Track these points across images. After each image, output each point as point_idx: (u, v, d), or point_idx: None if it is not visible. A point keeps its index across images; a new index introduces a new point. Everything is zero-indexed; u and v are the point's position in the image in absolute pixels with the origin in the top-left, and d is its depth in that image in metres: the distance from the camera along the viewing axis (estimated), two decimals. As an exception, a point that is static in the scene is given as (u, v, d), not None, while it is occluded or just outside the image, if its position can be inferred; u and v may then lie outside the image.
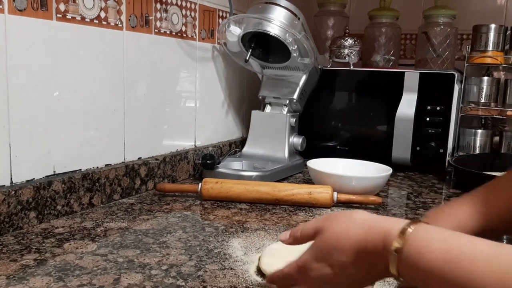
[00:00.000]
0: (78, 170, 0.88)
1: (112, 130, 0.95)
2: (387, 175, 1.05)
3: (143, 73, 1.02)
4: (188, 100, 1.18)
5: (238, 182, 0.99)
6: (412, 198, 1.07)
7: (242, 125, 1.44)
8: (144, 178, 1.02)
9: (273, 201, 0.97)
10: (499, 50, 1.46)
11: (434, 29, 1.50)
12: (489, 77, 1.48)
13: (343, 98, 1.42)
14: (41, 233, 0.75)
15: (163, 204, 0.95)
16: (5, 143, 0.74)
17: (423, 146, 1.30)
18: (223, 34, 1.18)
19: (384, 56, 1.56)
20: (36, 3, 0.76)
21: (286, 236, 0.57)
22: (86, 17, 0.86)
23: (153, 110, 1.06)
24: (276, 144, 1.26)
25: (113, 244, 0.72)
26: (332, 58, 1.45)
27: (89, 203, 0.88)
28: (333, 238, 0.49)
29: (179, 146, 1.16)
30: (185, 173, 1.16)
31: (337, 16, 1.62)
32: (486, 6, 1.63)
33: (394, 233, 0.44)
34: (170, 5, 1.07)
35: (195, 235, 0.77)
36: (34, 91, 0.78)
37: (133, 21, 0.97)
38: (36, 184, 0.77)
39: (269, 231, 0.81)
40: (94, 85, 0.90)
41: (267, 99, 1.30)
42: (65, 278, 0.60)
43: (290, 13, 1.15)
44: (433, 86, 1.29)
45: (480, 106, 1.47)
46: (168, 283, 0.60)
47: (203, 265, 0.65)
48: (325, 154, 1.24)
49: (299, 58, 1.18)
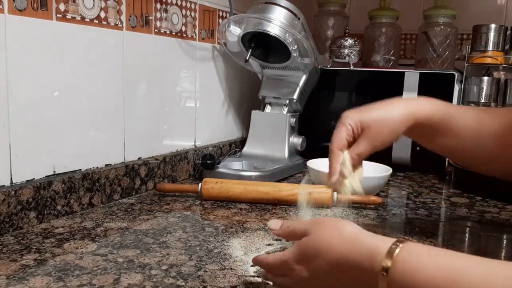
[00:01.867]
0: (78, 170, 0.88)
1: (112, 130, 0.95)
2: (387, 175, 1.05)
3: (143, 73, 1.02)
4: (188, 100, 1.18)
5: (238, 182, 0.99)
6: (412, 198, 1.07)
7: (242, 125, 1.44)
8: (144, 178, 1.02)
9: (273, 201, 0.97)
10: (499, 50, 1.46)
11: (434, 29, 1.50)
12: (489, 77, 1.49)
13: (343, 98, 1.42)
14: (41, 233, 0.75)
15: (163, 204, 0.95)
16: (5, 143, 0.74)
17: (423, 146, 1.30)
18: (223, 34, 1.18)
19: (384, 56, 1.56)
20: (36, 3, 0.76)
21: (277, 226, 0.58)
22: (86, 17, 0.86)
23: (153, 110, 1.06)
24: (276, 144, 1.26)
25: (113, 244, 0.72)
26: (332, 58, 1.45)
27: (89, 203, 0.88)
28: (316, 245, 0.50)
29: (179, 146, 1.16)
30: (185, 173, 1.16)
31: (337, 16, 1.62)
32: (486, 6, 1.63)
33: (381, 252, 0.44)
34: (170, 5, 1.08)
35: (195, 235, 0.77)
36: (34, 91, 0.78)
37: (133, 21, 0.97)
38: (36, 184, 0.77)
39: (269, 231, 0.81)
40: (94, 85, 0.90)
41: (267, 99, 1.30)
42: (65, 278, 0.60)
43: (290, 13, 1.15)
44: (433, 86, 1.29)
45: (480, 106, 1.47)
46: (168, 283, 0.59)
47: (203, 265, 0.65)
48: (325, 154, 1.23)
49: (299, 58, 1.18)
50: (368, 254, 0.45)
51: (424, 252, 0.44)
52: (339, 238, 0.49)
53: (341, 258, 0.47)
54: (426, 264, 0.42)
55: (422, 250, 0.44)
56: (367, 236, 0.49)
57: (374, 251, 0.45)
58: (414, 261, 0.43)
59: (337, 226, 0.50)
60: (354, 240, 0.48)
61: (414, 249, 0.44)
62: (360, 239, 0.48)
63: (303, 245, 0.52)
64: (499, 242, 0.85)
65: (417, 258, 0.43)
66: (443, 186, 1.21)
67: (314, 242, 0.50)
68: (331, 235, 0.49)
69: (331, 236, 0.49)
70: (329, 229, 0.50)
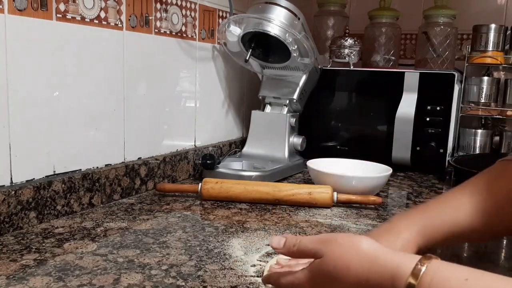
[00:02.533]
0: (78, 170, 0.88)
1: (112, 130, 0.95)
2: (387, 175, 1.05)
3: (143, 73, 1.02)
4: (188, 100, 1.18)
5: (238, 182, 0.99)
6: (412, 198, 1.07)
7: (242, 125, 1.44)
8: (144, 178, 1.02)
9: (273, 201, 0.97)
10: (499, 50, 1.46)
11: (434, 29, 1.50)
12: (489, 77, 1.48)
13: (343, 98, 1.42)
14: (41, 233, 0.75)
15: (163, 204, 0.95)
16: (5, 143, 0.74)
17: (423, 146, 1.30)
18: (223, 34, 1.18)
19: (384, 56, 1.56)
20: (36, 3, 0.76)
21: (280, 244, 0.53)
22: (86, 17, 0.86)
23: (153, 110, 1.06)
24: (276, 144, 1.26)
25: (113, 244, 0.72)
26: (332, 58, 1.45)
27: (89, 203, 0.88)
28: (333, 267, 0.46)
29: (179, 146, 1.16)
30: (185, 173, 1.16)
31: (337, 16, 1.62)
32: (486, 6, 1.63)
33: (405, 273, 0.41)
34: (170, 5, 1.07)
35: (195, 235, 0.77)
36: (34, 91, 0.78)
37: (133, 21, 0.97)
38: (36, 184, 0.77)
39: (269, 231, 0.81)
40: (94, 85, 0.90)
41: (267, 99, 1.30)
42: (65, 278, 0.59)
43: (290, 13, 1.15)
44: (433, 86, 1.29)
45: (480, 106, 1.47)
46: (168, 283, 0.59)
47: (203, 265, 0.65)
48: (325, 154, 1.24)
49: (299, 58, 1.18)
50: (390, 275, 0.42)
51: (453, 277, 0.40)
52: (357, 259, 0.45)
53: (360, 281, 0.44)
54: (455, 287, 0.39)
55: (450, 274, 0.41)
56: (387, 254, 0.45)
57: (396, 273, 0.42)
58: (441, 286, 0.40)
59: (353, 244, 0.46)
60: (373, 260, 0.44)
61: (442, 272, 0.41)
62: (380, 257, 0.44)
63: (318, 269, 0.48)
64: (499, 242, 0.85)
65: (445, 283, 0.40)
66: (443, 186, 1.21)
67: (331, 266, 0.46)
68: (349, 256, 0.45)
69: (348, 257, 0.45)
70: (345, 249, 0.46)
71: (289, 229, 0.82)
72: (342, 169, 1.10)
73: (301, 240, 0.51)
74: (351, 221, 0.89)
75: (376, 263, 0.44)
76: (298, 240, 0.51)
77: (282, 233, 0.80)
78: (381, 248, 0.46)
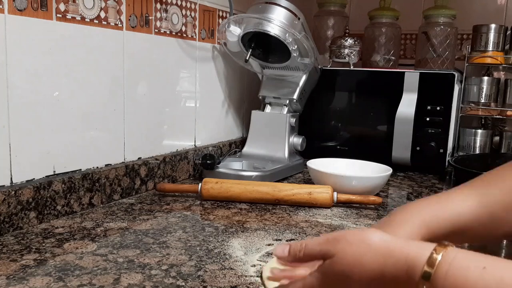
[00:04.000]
0: (78, 170, 0.88)
1: (112, 130, 0.95)
2: (387, 175, 1.05)
3: (143, 73, 1.02)
4: (188, 100, 1.18)
5: (238, 182, 0.99)
6: (412, 198, 1.07)
7: (242, 125, 1.44)
8: (144, 178, 1.02)
9: (273, 201, 0.97)
10: (499, 50, 1.46)
11: (434, 29, 1.50)
12: (489, 77, 1.49)
13: (343, 98, 1.42)
14: (41, 233, 0.75)
15: (163, 204, 0.95)
16: (5, 143, 0.74)
17: (423, 146, 1.30)
18: (223, 34, 1.18)
19: (384, 56, 1.56)
20: (36, 3, 0.76)
21: (285, 252, 0.50)
22: (86, 17, 0.86)
23: (153, 110, 1.06)
24: (276, 144, 1.26)
25: (113, 244, 0.72)
26: (332, 58, 1.45)
27: (89, 203, 0.88)
28: (346, 266, 0.44)
29: (179, 146, 1.16)
30: (185, 173, 1.16)
31: (337, 16, 1.62)
32: (486, 6, 1.63)
33: (420, 262, 0.40)
34: (170, 5, 1.07)
35: (195, 235, 0.77)
36: (34, 91, 0.78)
37: (133, 21, 0.97)
38: (36, 184, 0.77)
39: (269, 231, 0.81)
40: (94, 85, 0.90)
41: (267, 99, 1.30)
42: (65, 278, 0.60)
43: (290, 13, 1.15)
44: (433, 86, 1.29)
45: (480, 106, 1.47)
46: (168, 283, 0.59)
47: (203, 265, 0.65)
48: (325, 154, 1.24)
49: (299, 58, 1.18)
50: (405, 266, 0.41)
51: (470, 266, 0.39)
52: (370, 253, 0.43)
53: (376, 276, 0.43)
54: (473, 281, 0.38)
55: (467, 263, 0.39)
56: (400, 244, 0.43)
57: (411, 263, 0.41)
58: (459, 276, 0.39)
59: (363, 239, 0.45)
60: (387, 253, 0.43)
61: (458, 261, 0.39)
62: (394, 250, 0.43)
63: (330, 270, 0.45)
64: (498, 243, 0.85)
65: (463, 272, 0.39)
66: (443, 186, 1.21)
67: (343, 264, 0.44)
68: (361, 252, 0.44)
69: (361, 251, 0.44)
70: (356, 245, 0.44)
71: (289, 229, 0.82)
72: (342, 169, 1.10)
73: (306, 244, 0.49)
74: (351, 221, 0.89)
75: (390, 255, 0.42)
76: (303, 244, 0.49)
77: (282, 233, 0.80)
78: (392, 239, 0.44)
